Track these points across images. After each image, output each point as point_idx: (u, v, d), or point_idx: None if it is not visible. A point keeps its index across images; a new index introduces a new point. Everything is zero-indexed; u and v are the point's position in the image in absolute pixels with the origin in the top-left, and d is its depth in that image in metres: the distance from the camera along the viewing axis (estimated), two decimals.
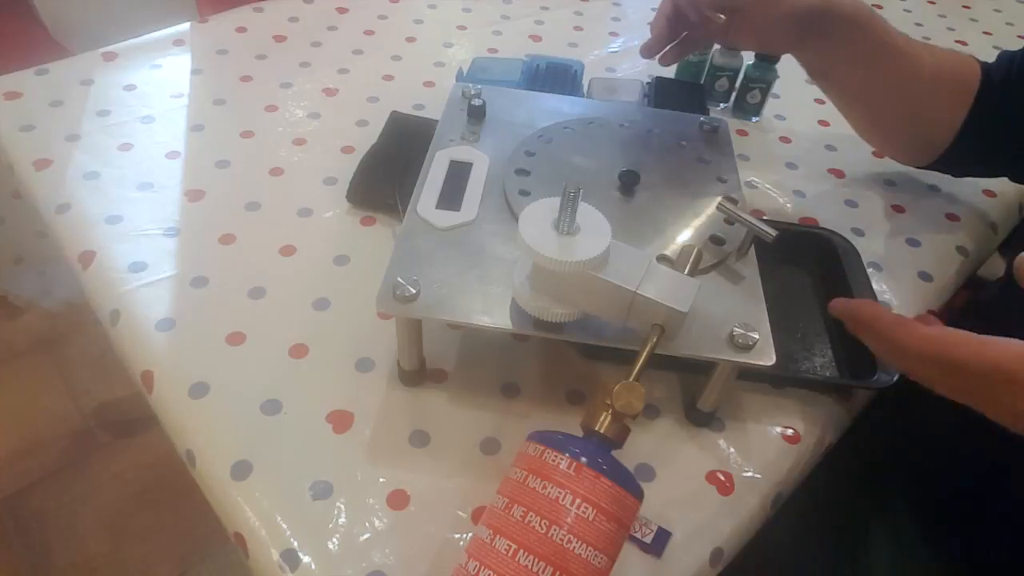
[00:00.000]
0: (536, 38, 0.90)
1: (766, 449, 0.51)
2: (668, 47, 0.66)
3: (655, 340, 0.41)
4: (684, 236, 0.50)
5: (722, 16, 0.58)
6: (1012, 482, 0.53)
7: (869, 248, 0.65)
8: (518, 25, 0.92)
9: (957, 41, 1.00)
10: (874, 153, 0.75)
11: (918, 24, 1.03)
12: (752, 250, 0.50)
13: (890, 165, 0.75)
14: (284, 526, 0.44)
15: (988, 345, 0.37)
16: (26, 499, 1.21)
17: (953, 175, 0.71)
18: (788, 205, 0.70)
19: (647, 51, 0.65)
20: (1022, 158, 0.63)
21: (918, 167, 0.70)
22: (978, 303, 0.72)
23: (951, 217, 0.71)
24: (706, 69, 0.81)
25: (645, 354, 0.41)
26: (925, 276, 0.64)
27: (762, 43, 0.64)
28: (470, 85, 0.62)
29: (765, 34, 0.61)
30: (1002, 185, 0.75)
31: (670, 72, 0.82)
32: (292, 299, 0.56)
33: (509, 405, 0.51)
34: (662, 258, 0.48)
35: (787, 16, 0.58)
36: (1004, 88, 0.60)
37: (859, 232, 0.67)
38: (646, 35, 0.65)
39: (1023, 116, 0.60)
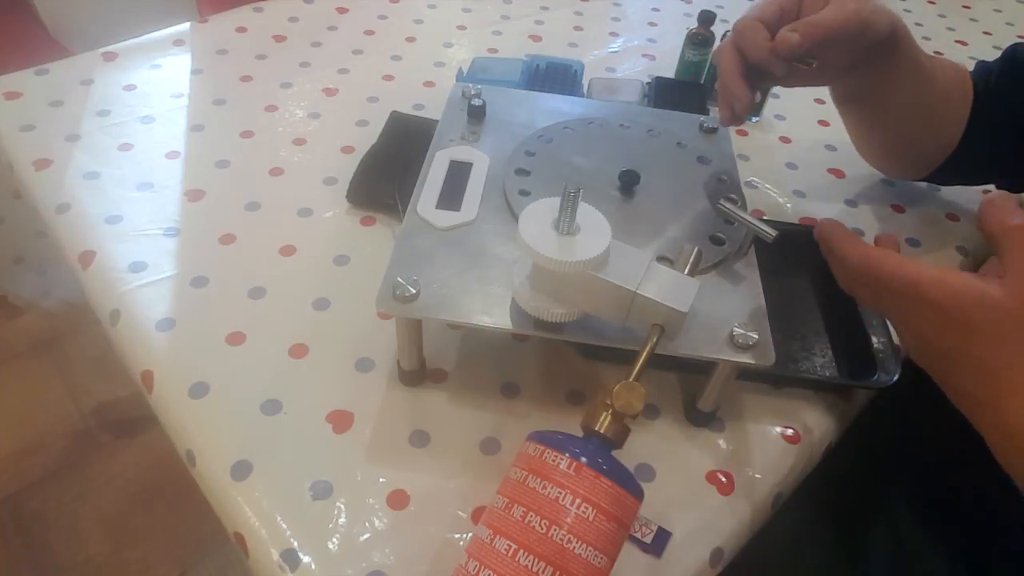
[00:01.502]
0: (536, 38, 0.90)
1: (766, 449, 0.51)
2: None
3: (655, 340, 0.41)
4: (684, 236, 0.50)
5: (814, 60, 0.50)
6: (1012, 481, 0.53)
7: None
8: (518, 25, 0.92)
9: (957, 41, 1.00)
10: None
11: (918, 24, 1.03)
12: (752, 250, 0.50)
13: None
14: (284, 526, 0.44)
15: (910, 264, 0.40)
16: (26, 499, 1.21)
17: (944, 184, 0.71)
18: (788, 205, 0.70)
19: (735, 120, 0.53)
20: (1007, 167, 0.64)
21: (915, 180, 0.70)
22: None
23: (951, 217, 0.71)
24: (706, 69, 0.81)
25: (645, 354, 0.41)
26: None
27: (820, 77, 0.58)
28: (470, 85, 0.62)
29: (841, 67, 0.56)
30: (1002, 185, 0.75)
31: (670, 72, 0.83)
32: (292, 299, 0.56)
33: (509, 405, 0.51)
34: (662, 258, 0.48)
35: (868, 44, 0.53)
36: (984, 99, 0.61)
37: (859, 232, 0.68)
38: (646, 35, 0.65)
39: (1005, 127, 0.60)
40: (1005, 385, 0.38)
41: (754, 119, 0.80)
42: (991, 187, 0.69)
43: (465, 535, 0.44)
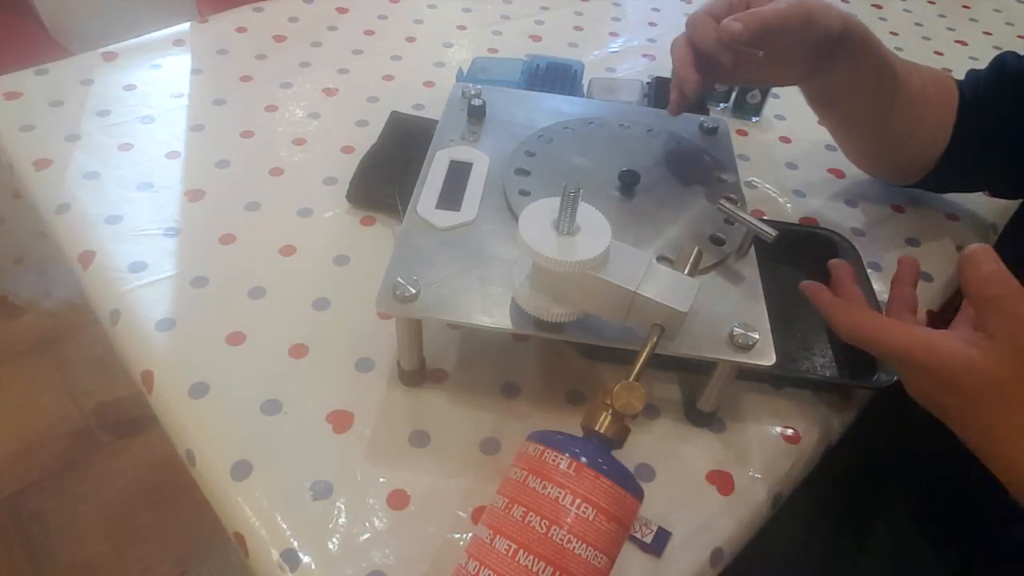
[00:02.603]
0: (536, 38, 0.90)
1: (766, 449, 0.51)
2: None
3: (655, 340, 0.41)
4: (684, 236, 0.50)
5: (759, 51, 0.54)
6: None
7: (869, 248, 0.65)
8: (518, 25, 0.92)
9: (957, 41, 1.00)
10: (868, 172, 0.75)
11: (918, 24, 1.03)
12: (752, 250, 0.50)
13: None
14: (284, 526, 0.44)
15: (897, 332, 0.42)
16: (26, 499, 1.21)
17: (937, 192, 0.72)
18: (788, 205, 0.70)
19: (678, 108, 0.57)
20: (995, 175, 0.65)
21: (905, 186, 0.70)
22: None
23: (951, 217, 0.71)
24: None
25: (645, 354, 0.41)
26: (925, 276, 0.64)
27: (781, 74, 0.60)
28: (470, 85, 0.62)
29: (789, 63, 0.58)
30: None
31: (670, 72, 0.82)
32: (292, 299, 0.56)
33: (509, 405, 0.51)
34: (662, 258, 0.48)
35: (816, 39, 0.55)
36: (974, 107, 0.61)
37: (859, 232, 0.68)
38: (646, 35, 0.65)
39: (994, 135, 0.61)
40: (1008, 443, 0.39)
41: (754, 119, 0.80)
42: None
43: (465, 535, 0.44)
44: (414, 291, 0.44)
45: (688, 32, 0.55)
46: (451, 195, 0.52)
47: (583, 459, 0.37)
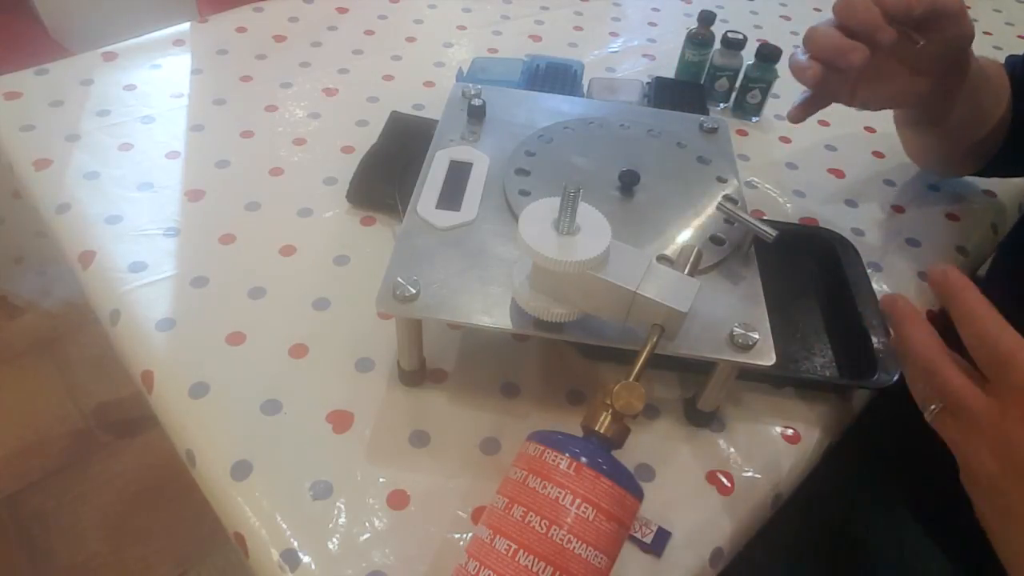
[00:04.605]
0: (536, 38, 0.90)
1: (766, 449, 0.51)
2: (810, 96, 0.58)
3: (655, 340, 0.41)
4: (684, 236, 0.50)
5: (921, 39, 0.50)
6: None
7: (869, 248, 0.65)
8: (518, 25, 0.92)
9: None
10: (874, 153, 0.75)
11: None
12: (752, 250, 0.50)
13: (890, 165, 0.75)
14: (284, 526, 0.44)
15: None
16: (26, 499, 1.21)
17: (995, 176, 0.71)
18: (788, 205, 0.70)
19: (801, 112, 0.56)
20: None
21: (971, 175, 0.70)
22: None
23: (951, 217, 0.71)
24: (706, 69, 0.81)
25: (645, 354, 0.41)
26: (925, 276, 0.64)
27: (910, 86, 0.57)
28: (470, 85, 0.62)
29: (925, 70, 0.55)
30: (1002, 185, 0.75)
31: (670, 72, 0.83)
32: (292, 299, 0.56)
33: (509, 405, 0.51)
34: (662, 258, 0.48)
35: (956, 44, 0.53)
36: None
37: (859, 232, 0.68)
38: (646, 35, 0.65)
39: None
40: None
41: (754, 119, 0.80)
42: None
43: (465, 535, 0.44)
44: (414, 291, 0.44)
45: (839, 14, 0.50)
46: (451, 195, 0.52)
47: (583, 459, 0.37)
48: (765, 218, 0.66)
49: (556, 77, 0.74)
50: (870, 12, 0.47)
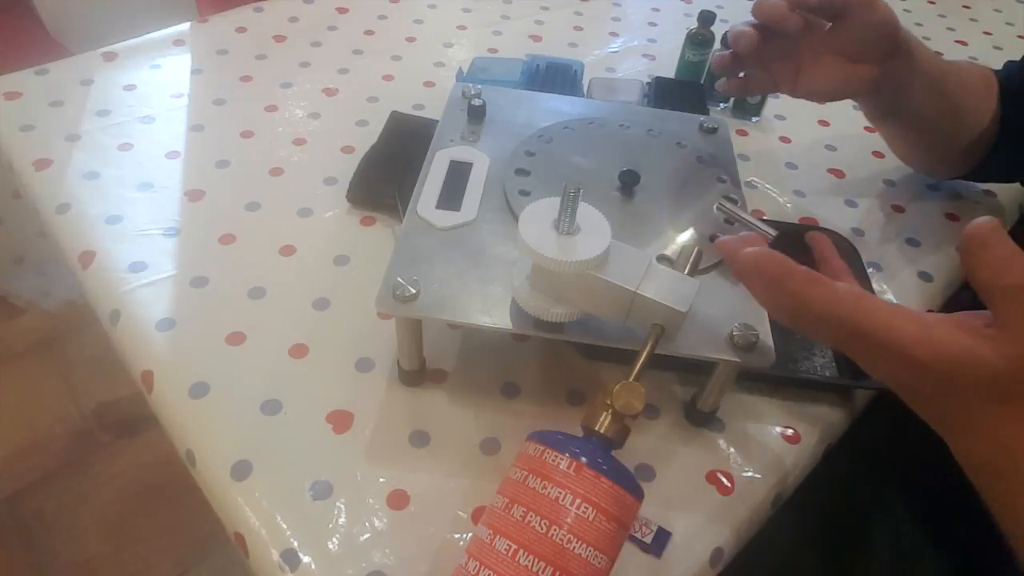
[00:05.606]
0: (536, 38, 0.90)
1: (766, 449, 0.51)
2: (741, 74, 0.62)
3: (655, 340, 0.41)
4: (684, 236, 0.50)
5: (827, 23, 0.56)
6: None
7: (869, 248, 0.65)
8: (518, 25, 0.92)
9: (957, 41, 1.00)
10: (874, 153, 0.75)
11: (918, 24, 1.03)
12: None
13: (890, 165, 0.75)
14: (284, 526, 0.44)
15: (884, 312, 0.35)
16: (26, 499, 1.21)
17: (986, 181, 0.72)
18: (788, 205, 0.70)
19: (728, 86, 0.61)
20: None
21: (956, 179, 0.70)
22: (978, 303, 0.72)
23: (951, 217, 0.71)
24: (706, 69, 0.81)
25: (645, 354, 0.41)
26: (925, 276, 0.64)
27: (849, 75, 0.58)
28: (470, 85, 0.62)
29: (855, 57, 0.57)
30: (1002, 185, 0.75)
31: (670, 72, 0.83)
32: (292, 299, 0.56)
33: (509, 405, 0.51)
34: (662, 258, 0.48)
35: (880, 30, 0.55)
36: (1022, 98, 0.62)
37: (859, 232, 0.67)
38: (646, 35, 0.65)
39: None
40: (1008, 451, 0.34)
41: (754, 119, 0.80)
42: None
43: (465, 535, 0.44)
44: (414, 291, 0.44)
45: (754, 10, 0.56)
46: (451, 195, 0.52)
47: (583, 459, 0.37)
48: (765, 218, 0.66)
49: (556, 77, 0.74)
50: (774, 8, 0.55)
